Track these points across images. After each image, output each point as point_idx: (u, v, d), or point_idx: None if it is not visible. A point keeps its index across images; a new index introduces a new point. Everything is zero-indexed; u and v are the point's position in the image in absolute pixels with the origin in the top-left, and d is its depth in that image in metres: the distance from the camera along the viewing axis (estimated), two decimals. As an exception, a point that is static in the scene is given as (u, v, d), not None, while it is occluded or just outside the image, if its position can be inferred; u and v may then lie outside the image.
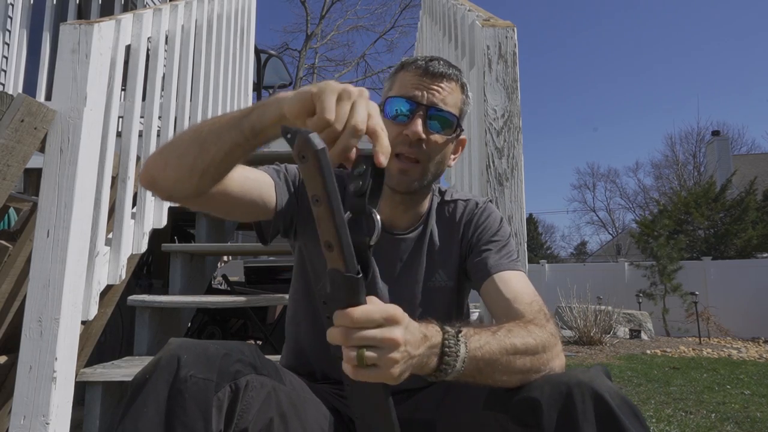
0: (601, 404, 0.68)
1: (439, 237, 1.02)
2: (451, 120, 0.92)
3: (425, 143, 0.90)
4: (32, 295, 1.29)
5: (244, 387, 0.72)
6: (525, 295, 0.87)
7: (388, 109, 0.91)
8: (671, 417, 3.14)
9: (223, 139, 0.71)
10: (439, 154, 0.93)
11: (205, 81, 2.57)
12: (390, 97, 0.92)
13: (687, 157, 26.14)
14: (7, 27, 3.35)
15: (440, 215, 1.03)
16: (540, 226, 31.79)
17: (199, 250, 2.30)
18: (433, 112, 0.90)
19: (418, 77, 0.91)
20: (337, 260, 0.58)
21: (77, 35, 1.42)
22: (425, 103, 0.90)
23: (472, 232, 1.01)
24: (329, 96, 0.59)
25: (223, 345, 0.76)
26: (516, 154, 1.46)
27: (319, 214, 0.55)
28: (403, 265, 0.99)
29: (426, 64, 0.92)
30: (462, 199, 1.05)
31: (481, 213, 1.02)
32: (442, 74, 0.92)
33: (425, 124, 0.90)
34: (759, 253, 13.05)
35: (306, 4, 17.30)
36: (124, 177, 1.78)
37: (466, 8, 1.84)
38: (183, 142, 0.77)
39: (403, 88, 0.92)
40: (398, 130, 0.90)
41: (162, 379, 0.69)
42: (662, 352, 6.67)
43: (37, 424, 1.23)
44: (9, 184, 1.28)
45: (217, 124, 0.72)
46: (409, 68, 0.93)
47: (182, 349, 0.73)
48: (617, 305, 8.73)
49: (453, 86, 0.93)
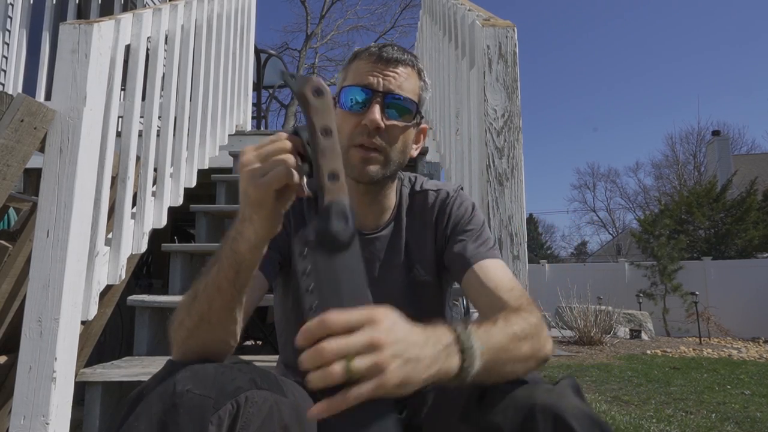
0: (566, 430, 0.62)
1: (413, 230, 0.98)
2: (410, 107, 0.89)
3: (385, 131, 0.87)
4: (32, 295, 1.28)
5: (244, 403, 0.71)
6: (506, 282, 0.87)
7: (343, 99, 0.88)
8: (671, 417, 3.14)
9: (244, 273, 0.68)
10: (399, 142, 0.89)
11: (205, 81, 2.57)
12: (344, 87, 0.88)
13: (687, 157, 26.16)
14: (7, 27, 3.35)
15: (411, 207, 0.99)
16: (540, 226, 31.83)
17: (199, 250, 2.30)
18: (390, 99, 0.87)
19: (372, 64, 0.88)
20: (340, 190, 0.55)
21: (77, 35, 1.42)
22: (381, 90, 0.86)
23: (446, 224, 0.97)
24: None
25: (221, 365, 0.75)
26: (516, 154, 1.46)
27: (328, 146, 0.56)
28: (381, 265, 0.95)
29: (379, 51, 0.88)
30: (432, 189, 1.01)
31: (453, 202, 0.99)
32: (396, 60, 0.88)
33: (383, 111, 0.86)
34: (759, 254, 13.04)
35: (306, 3, 17.32)
36: (123, 177, 1.77)
37: (467, 8, 1.84)
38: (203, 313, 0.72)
39: (358, 76, 0.88)
40: (356, 120, 0.86)
41: (157, 394, 0.68)
42: (662, 352, 6.67)
43: (37, 424, 1.23)
44: (9, 184, 1.28)
45: (209, 273, 0.70)
46: (363, 56, 0.89)
47: (180, 366, 0.73)
48: (617, 305, 8.72)
49: (409, 71, 0.90)
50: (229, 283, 0.68)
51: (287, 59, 16.79)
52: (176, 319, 0.75)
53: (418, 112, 0.91)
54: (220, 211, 2.54)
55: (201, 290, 0.70)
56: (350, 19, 18.32)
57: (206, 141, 2.57)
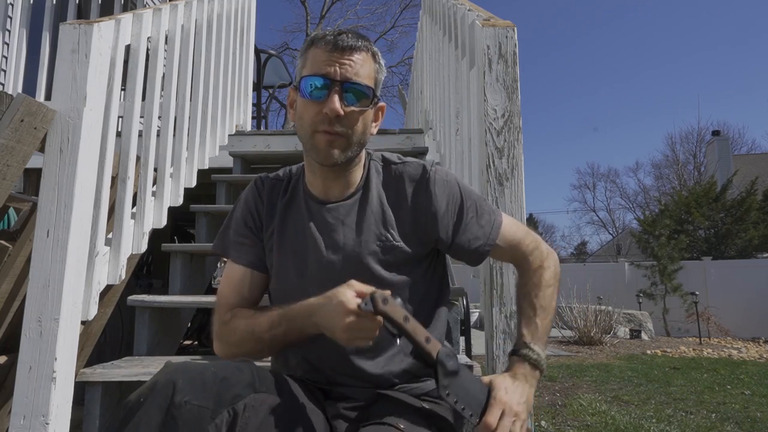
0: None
1: (386, 200, 1.00)
2: (367, 92, 0.93)
3: (344, 118, 0.91)
4: (32, 295, 1.28)
5: (242, 410, 0.73)
6: (519, 236, 1.03)
7: (303, 87, 0.92)
8: (671, 417, 3.14)
9: (296, 336, 0.89)
10: (359, 124, 0.94)
11: (205, 81, 2.57)
12: (304, 76, 0.92)
13: (687, 157, 26.16)
14: (7, 27, 3.35)
15: (385, 180, 1.02)
16: (540, 226, 31.83)
17: (199, 250, 2.30)
18: (347, 86, 0.91)
19: (328, 53, 0.91)
20: (436, 345, 0.81)
21: (77, 35, 1.42)
22: (338, 78, 0.90)
23: (433, 204, 0.98)
24: None
25: (221, 368, 0.77)
26: (516, 154, 1.46)
27: (411, 327, 0.80)
28: (345, 228, 0.98)
29: (335, 39, 0.92)
30: (399, 162, 1.03)
31: (434, 181, 0.99)
32: (351, 47, 0.92)
33: (342, 99, 0.90)
34: (760, 253, 13.05)
35: (306, 3, 17.32)
36: (123, 177, 1.77)
37: (466, 8, 1.83)
38: (262, 343, 0.92)
39: (315, 65, 0.92)
40: (317, 108, 0.91)
41: (156, 404, 0.69)
42: (662, 352, 6.67)
43: (36, 424, 1.23)
44: (9, 184, 1.28)
45: (288, 336, 0.89)
46: (319, 44, 0.93)
47: (179, 373, 0.73)
48: (617, 305, 8.73)
49: (364, 56, 0.94)
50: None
51: (287, 59, 16.77)
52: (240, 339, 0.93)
53: (375, 95, 0.95)
54: (220, 211, 2.54)
55: (268, 338, 0.90)
56: (350, 19, 18.34)
57: (206, 141, 2.57)
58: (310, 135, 0.92)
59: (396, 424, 0.80)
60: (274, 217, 1.02)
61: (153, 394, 0.70)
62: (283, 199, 1.03)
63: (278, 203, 1.03)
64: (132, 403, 0.70)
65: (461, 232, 0.99)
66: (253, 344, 0.92)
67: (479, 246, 1.00)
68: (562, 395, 3.80)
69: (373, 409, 0.91)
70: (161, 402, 0.69)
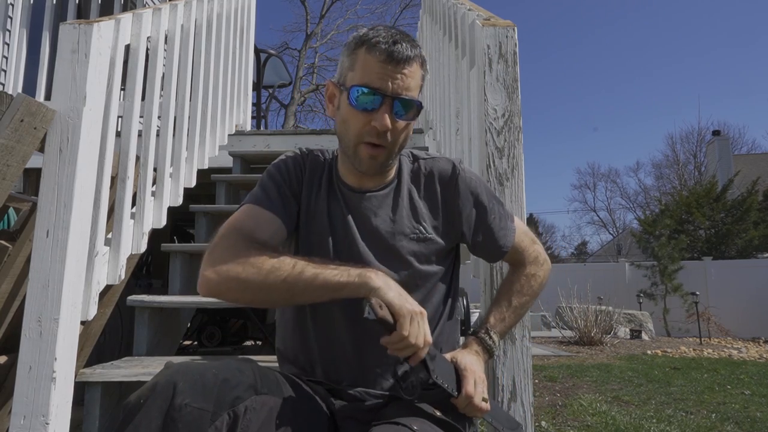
0: None
1: (418, 194, 1.03)
2: (415, 104, 0.93)
3: (391, 131, 0.91)
4: (32, 295, 1.28)
5: (243, 413, 0.72)
6: (525, 243, 1.10)
7: (352, 95, 0.91)
8: (672, 417, 3.14)
9: (312, 296, 0.85)
10: (403, 136, 0.95)
11: (205, 80, 2.57)
12: (355, 85, 0.90)
13: (687, 156, 26.16)
14: (7, 27, 3.35)
15: (416, 174, 1.04)
16: (540, 226, 31.82)
17: (199, 250, 2.29)
18: (398, 102, 0.91)
19: (382, 64, 0.89)
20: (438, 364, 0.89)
21: (77, 35, 1.42)
22: (390, 93, 0.90)
23: (459, 199, 1.02)
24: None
25: (222, 369, 0.76)
26: (516, 154, 1.46)
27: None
28: (378, 219, 0.99)
29: (390, 49, 0.89)
30: (435, 157, 1.06)
31: (464, 180, 1.03)
32: (406, 59, 0.90)
33: (391, 114, 0.90)
34: (760, 254, 13.04)
35: (306, 3, 17.30)
36: (123, 177, 1.77)
37: (467, 8, 1.83)
38: (272, 287, 0.84)
39: (366, 75, 0.90)
40: (365, 119, 0.90)
41: (156, 406, 0.69)
42: (663, 353, 6.67)
43: (36, 424, 1.23)
44: (9, 183, 1.28)
45: (310, 285, 0.83)
46: (373, 52, 0.90)
47: (179, 374, 0.73)
48: (618, 305, 8.73)
49: (415, 68, 0.92)
50: (330, 297, 0.85)
51: (287, 59, 16.79)
52: (247, 283, 0.84)
53: (420, 104, 0.95)
54: (219, 211, 2.53)
55: (301, 286, 0.84)
56: (350, 19, 18.30)
57: (206, 141, 2.57)
58: (355, 144, 0.93)
59: (410, 425, 0.79)
60: (312, 190, 1.02)
61: (153, 396, 0.70)
62: (321, 178, 1.03)
63: (315, 180, 1.03)
64: (132, 405, 0.70)
65: (484, 232, 1.04)
66: (273, 284, 0.83)
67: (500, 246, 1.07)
68: (562, 395, 3.79)
69: (384, 410, 0.91)
70: (161, 404, 0.69)
